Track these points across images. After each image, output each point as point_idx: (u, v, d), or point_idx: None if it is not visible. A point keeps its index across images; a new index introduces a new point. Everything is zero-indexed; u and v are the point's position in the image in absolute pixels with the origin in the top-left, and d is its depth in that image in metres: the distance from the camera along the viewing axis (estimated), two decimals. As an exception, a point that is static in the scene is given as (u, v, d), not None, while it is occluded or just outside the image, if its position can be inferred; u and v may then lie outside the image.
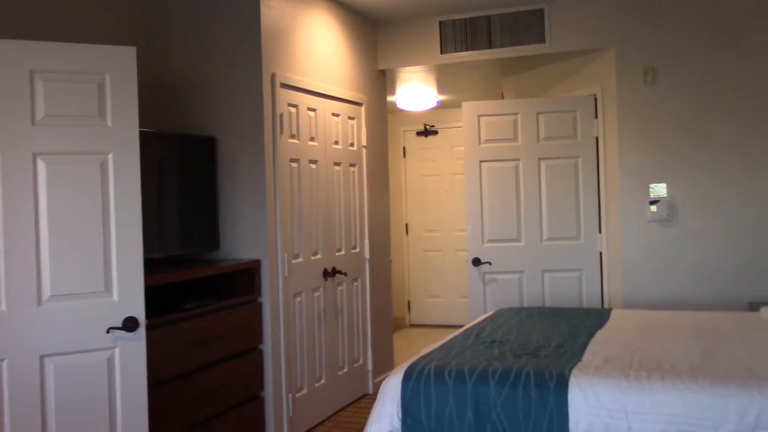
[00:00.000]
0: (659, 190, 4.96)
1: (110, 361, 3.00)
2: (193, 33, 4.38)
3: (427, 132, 8.24)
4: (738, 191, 4.81)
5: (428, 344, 7.02)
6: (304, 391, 4.61)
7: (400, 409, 2.97)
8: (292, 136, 4.55)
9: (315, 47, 4.83)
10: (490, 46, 5.33)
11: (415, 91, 6.89)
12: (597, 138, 5.25)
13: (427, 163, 8.29)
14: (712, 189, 4.86)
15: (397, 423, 2.97)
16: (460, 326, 7.76)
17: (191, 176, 4.08)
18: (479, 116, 5.36)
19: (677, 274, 4.93)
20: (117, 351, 3.01)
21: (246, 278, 4.18)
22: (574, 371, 2.85)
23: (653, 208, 4.95)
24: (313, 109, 4.80)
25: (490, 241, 5.36)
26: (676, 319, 3.92)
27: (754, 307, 4.55)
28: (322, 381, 4.83)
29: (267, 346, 4.25)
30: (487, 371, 2.92)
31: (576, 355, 3.12)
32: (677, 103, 4.91)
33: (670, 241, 4.95)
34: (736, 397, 2.57)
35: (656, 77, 4.95)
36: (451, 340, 3.58)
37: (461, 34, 5.40)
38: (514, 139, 5.35)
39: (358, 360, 5.35)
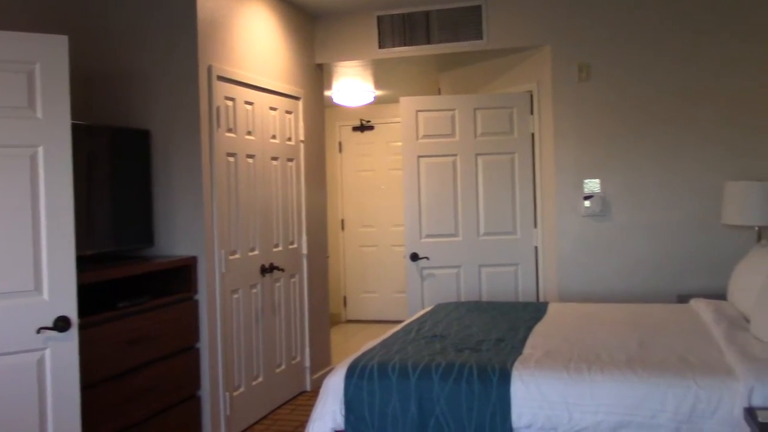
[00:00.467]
0: (593, 185, 5.06)
1: (41, 363, 2.87)
2: (127, 23, 4.25)
3: (363, 127, 8.22)
4: (667, 188, 4.95)
5: (365, 340, 7.05)
6: (242, 389, 4.53)
7: (342, 406, 2.95)
8: (229, 130, 4.46)
9: (252, 40, 4.75)
10: (428, 42, 5.35)
11: (352, 86, 6.86)
12: (533, 134, 5.33)
13: (363, 159, 8.27)
14: (643, 185, 4.99)
15: (339, 420, 2.95)
16: (397, 322, 7.79)
17: (124, 170, 3.96)
18: (417, 111, 5.37)
19: (610, 268, 5.04)
20: (48, 352, 2.89)
21: (182, 275, 4.08)
22: (516, 365, 2.88)
23: (587, 203, 5.05)
24: (251, 103, 4.72)
25: (428, 236, 5.38)
26: (611, 311, 4.00)
27: (682, 299, 4.69)
28: (260, 379, 4.77)
29: (204, 345, 4.17)
30: (430, 366, 2.92)
31: (516, 349, 3.15)
32: (610, 100, 5.02)
33: (603, 236, 5.05)
34: (673, 387, 2.64)
35: (590, 74, 5.04)
36: (393, 335, 3.57)
37: (399, 30, 5.39)
38: (452, 134, 5.37)
39: (295, 357, 5.30)
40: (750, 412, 2.42)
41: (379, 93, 7.33)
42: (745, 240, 4.80)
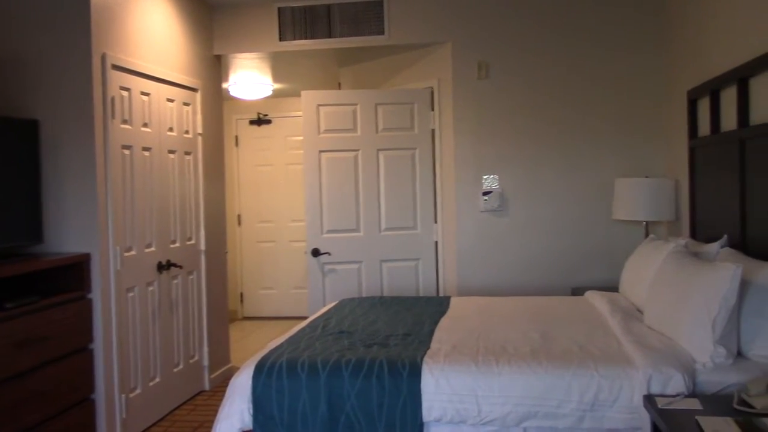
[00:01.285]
0: (492, 181, 5.17)
1: None
2: (14, 5, 3.99)
3: (260, 121, 8.09)
4: (562, 184, 5.12)
5: (263, 337, 6.95)
6: (138, 390, 4.37)
7: (250, 405, 2.89)
8: (125, 122, 4.28)
9: (149, 29, 4.57)
10: (330, 35, 5.31)
11: (250, 78, 6.73)
12: (433, 130, 5.38)
13: (260, 153, 8.14)
14: (539, 181, 5.14)
15: (247, 419, 2.89)
16: (296, 318, 7.73)
17: (9, 163, 3.73)
18: (318, 106, 5.32)
19: (507, 262, 5.17)
20: (-71, 357, 2.69)
21: (74, 273, 3.88)
22: (426, 359, 2.90)
23: (486, 198, 5.15)
24: (147, 94, 4.55)
25: (330, 231, 5.35)
26: (511, 304, 4.10)
27: (576, 292, 4.86)
28: (157, 379, 4.61)
29: (98, 345, 3.98)
30: (340, 362, 2.90)
31: (424, 343, 3.18)
32: (509, 99, 5.14)
33: (501, 231, 5.17)
34: (577, 377, 2.72)
35: (489, 73, 5.14)
36: (299, 332, 3.52)
37: (301, 22, 5.33)
38: (354, 129, 5.36)
39: (193, 356, 5.15)
40: (649, 399, 2.53)
41: (277, 86, 7.23)
42: (634, 234, 5.03)
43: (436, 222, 5.41)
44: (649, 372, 2.65)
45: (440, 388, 2.78)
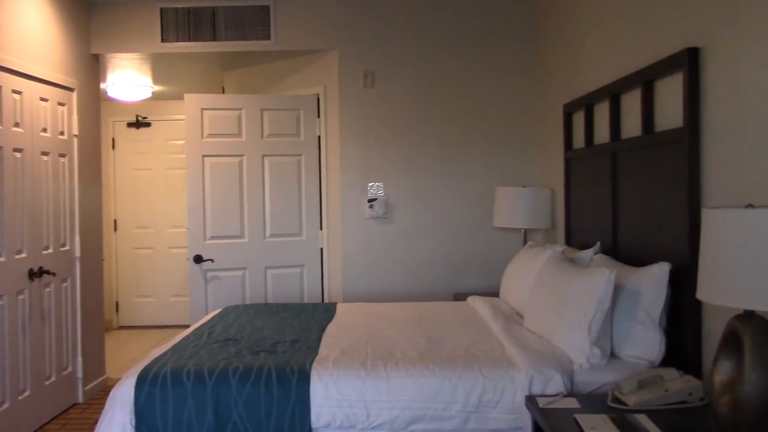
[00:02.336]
0: (377, 189, 5.23)
1: None
2: None
3: (139, 124, 7.84)
4: (445, 192, 5.25)
5: (140, 347, 6.72)
6: (6, 405, 4.12)
7: (133, 416, 2.79)
8: (-6, 121, 4.05)
9: (21, 24, 4.34)
10: (214, 39, 5.22)
11: (129, 79, 6.51)
12: (319, 137, 5.39)
13: (138, 157, 7.88)
14: (423, 190, 5.24)
15: (129, 431, 2.78)
16: (175, 327, 7.54)
17: None
18: (202, 109, 5.22)
19: (392, 268, 5.24)
20: None
21: (-64, 281, 3.64)
22: (315, 365, 2.90)
23: (371, 205, 5.20)
24: (19, 92, 4.32)
25: (213, 237, 5.25)
26: (396, 310, 4.16)
27: (458, 297, 4.98)
28: (27, 393, 4.37)
29: (-38, 358, 3.74)
30: (227, 370, 2.85)
31: (312, 350, 3.17)
32: (394, 107, 5.22)
33: (386, 238, 5.24)
34: (463, 379, 2.79)
35: (375, 81, 5.21)
36: (183, 340, 3.44)
37: (184, 24, 5.21)
38: (239, 134, 5.29)
39: (66, 367, 4.92)
40: (530, 399, 2.62)
41: (158, 89, 7.03)
42: (513, 241, 5.21)
43: (321, 228, 5.41)
44: (531, 373, 2.75)
45: (329, 394, 2.78)
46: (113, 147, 7.85)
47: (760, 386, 1.95)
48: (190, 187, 5.22)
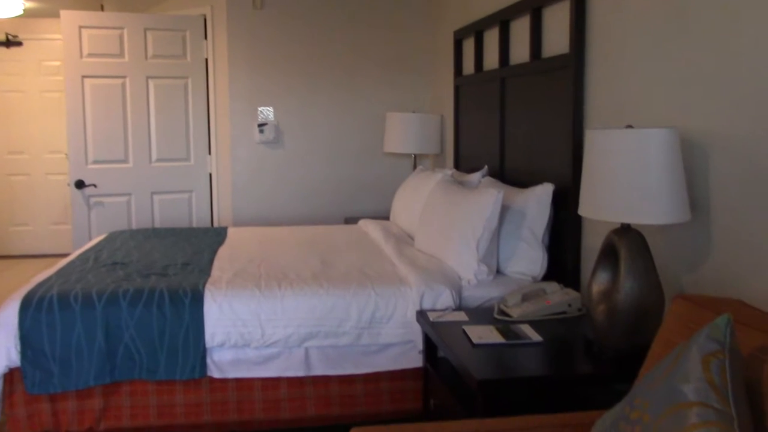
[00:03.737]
0: (267, 113, 5.15)
1: None
2: None
3: (9, 43, 7.32)
4: (336, 117, 5.23)
5: (18, 277, 6.46)
6: None
7: (18, 341, 2.71)
8: None
9: None
10: (92, -49, 4.91)
11: (-3, -7, 6.06)
12: (207, 59, 5.23)
13: (9, 78, 7.39)
14: (314, 114, 5.20)
15: (15, 357, 2.71)
16: (56, 255, 7.26)
17: None
18: (81, 27, 4.94)
19: (283, 194, 5.22)
20: None
21: None
22: (208, 286, 2.89)
23: (261, 130, 5.13)
24: None
25: (96, 162, 5.05)
26: (289, 233, 4.17)
27: (349, 221, 5.04)
28: None
29: None
30: (117, 293, 2.80)
31: (205, 272, 3.15)
32: (285, 31, 5.11)
33: (277, 163, 5.20)
34: (356, 297, 2.86)
35: (264, 3, 5.07)
36: (68, 265, 3.33)
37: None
38: (120, 55, 5.05)
39: (-61, 298, 4.68)
40: (421, 314, 2.73)
41: (29, 5, 6.57)
42: (404, 166, 5.29)
43: (210, 153, 5.31)
44: (422, 289, 2.85)
45: (223, 314, 2.79)
46: (-19, 67, 7.33)
47: (633, 294, 2.11)
48: (70, 109, 4.97)
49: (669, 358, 1.38)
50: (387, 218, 4.67)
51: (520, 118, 3.53)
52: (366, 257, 3.42)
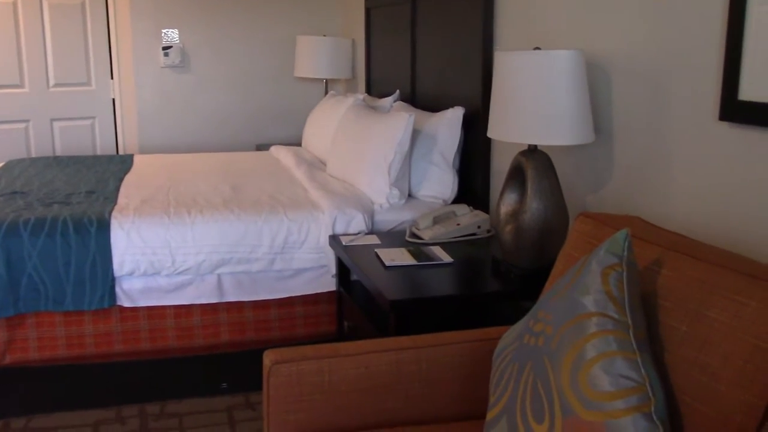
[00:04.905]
0: (172, 36, 4.96)
1: None
2: None
3: None
4: (245, 41, 5.08)
5: None
6: None
7: None
8: None
9: None
10: None
11: None
12: (105, -23, 4.96)
13: None
14: (222, 37, 5.04)
15: None
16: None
17: None
18: (-36, -60, 4.59)
19: (192, 120, 5.08)
20: None
21: None
22: (115, 214, 2.81)
23: (166, 54, 4.94)
24: None
25: (-12, 87, 4.77)
26: (198, 160, 4.08)
27: (261, 148, 4.96)
28: None
29: None
30: (17, 223, 2.70)
31: (110, 200, 3.06)
32: (188, -53, 4.89)
33: (185, 88, 5.03)
34: (268, 223, 2.84)
35: None
36: (-37, 195, 3.18)
37: None
38: (10, -30, 4.74)
39: None
40: (334, 238, 2.74)
41: None
42: (315, 92, 5.22)
43: (112, 78, 5.08)
44: (334, 214, 2.85)
45: (132, 242, 2.73)
46: None
47: (538, 214, 2.17)
48: (-44, 30, 4.65)
49: (570, 273, 1.44)
50: (299, 145, 4.62)
51: (431, 42, 3.52)
52: (278, 183, 3.39)
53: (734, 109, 1.72)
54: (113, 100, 5.10)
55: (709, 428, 1.24)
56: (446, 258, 2.44)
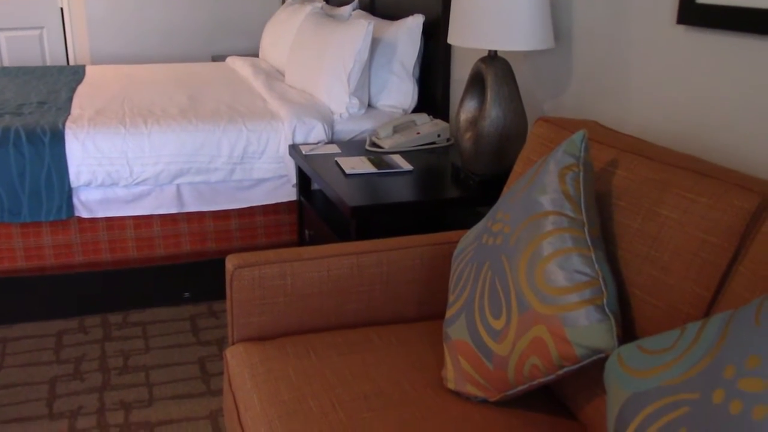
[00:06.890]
0: (121, -60, 4.76)
1: None
2: None
3: None
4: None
5: None
6: None
7: None
8: None
9: None
10: None
11: None
12: None
13: None
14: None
15: None
16: None
17: None
18: None
19: (145, 30, 4.93)
20: None
21: None
22: (68, 124, 2.75)
23: (115, -40, 4.75)
24: None
25: (-73, -6, 4.55)
26: (153, 71, 3.98)
27: (217, 59, 4.86)
28: None
29: None
30: (-32, 133, 2.63)
31: (63, 110, 2.99)
32: None
33: (135, -3, 4.87)
34: (227, 132, 2.81)
35: None
36: None
37: None
38: None
39: None
40: (294, 148, 2.72)
41: None
42: (271, 1, 5.08)
43: (59, -15, 4.89)
44: (294, 123, 2.83)
45: (88, 152, 2.68)
46: None
47: (498, 121, 2.18)
48: None
49: (528, 174, 1.46)
50: (256, 56, 4.53)
51: (390, -53, 3.44)
52: (235, 93, 3.33)
53: (692, 12, 1.73)
54: (61, 9, 4.91)
55: (659, 319, 1.30)
56: (406, 166, 2.46)
